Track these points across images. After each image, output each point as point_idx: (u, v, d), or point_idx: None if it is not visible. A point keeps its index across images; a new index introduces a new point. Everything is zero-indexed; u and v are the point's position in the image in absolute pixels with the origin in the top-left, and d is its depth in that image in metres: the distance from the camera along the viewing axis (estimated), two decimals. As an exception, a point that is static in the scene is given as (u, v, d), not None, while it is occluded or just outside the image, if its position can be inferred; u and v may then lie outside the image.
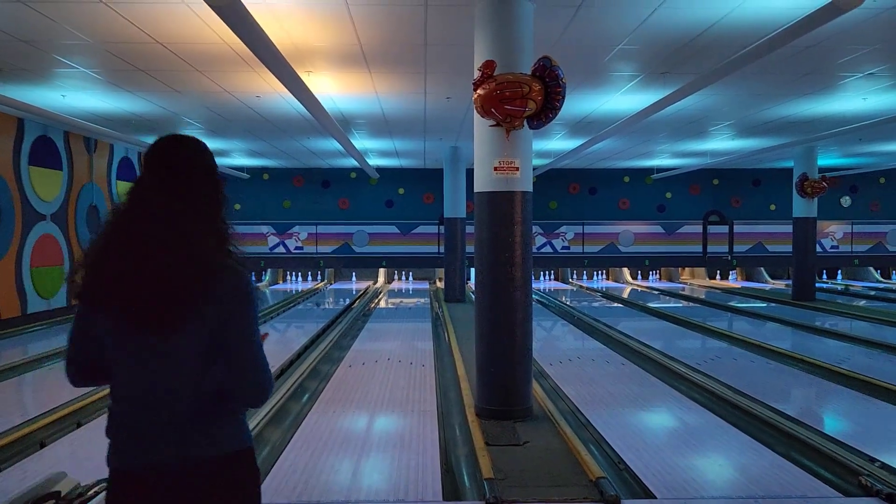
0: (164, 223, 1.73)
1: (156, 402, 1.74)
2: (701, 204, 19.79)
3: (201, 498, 1.72)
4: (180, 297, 1.69)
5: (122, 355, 1.76)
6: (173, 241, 1.71)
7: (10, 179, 10.90)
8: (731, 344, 9.56)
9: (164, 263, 1.69)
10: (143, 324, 1.70)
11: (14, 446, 4.97)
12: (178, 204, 1.76)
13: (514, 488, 4.13)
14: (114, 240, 1.75)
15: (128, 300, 1.70)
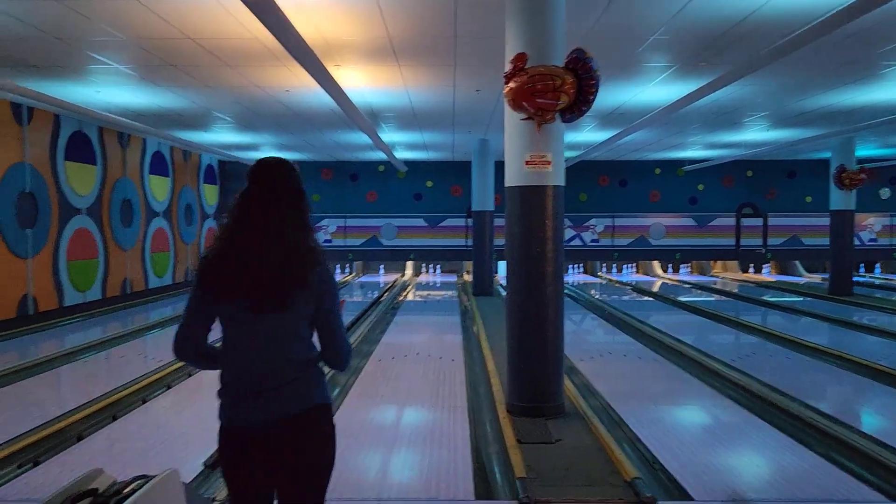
0: (272, 227, 2.17)
1: (263, 370, 2.16)
2: (734, 196, 19.44)
3: (296, 443, 2.17)
4: (287, 284, 2.13)
5: (237, 332, 2.18)
6: (280, 241, 2.16)
7: (46, 174, 11.09)
8: (765, 339, 9.38)
9: (274, 259, 2.13)
10: (259, 307, 2.13)
11: (52, 439, 5.05)
12: (280, 211, 2.20)
13: (547, 487, 4.09)
14: (233, 241, 2.18)
15: (247, 289, 2.13)
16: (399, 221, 19.24)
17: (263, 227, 2.18)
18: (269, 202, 2.21)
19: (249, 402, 2.16)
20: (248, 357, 2.18)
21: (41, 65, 7.94)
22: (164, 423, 5.53)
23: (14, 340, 9.36)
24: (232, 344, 2.21)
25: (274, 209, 2.21)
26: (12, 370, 7.30)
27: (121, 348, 8.81)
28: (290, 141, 14.86)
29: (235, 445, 2.20)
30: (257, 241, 2.16)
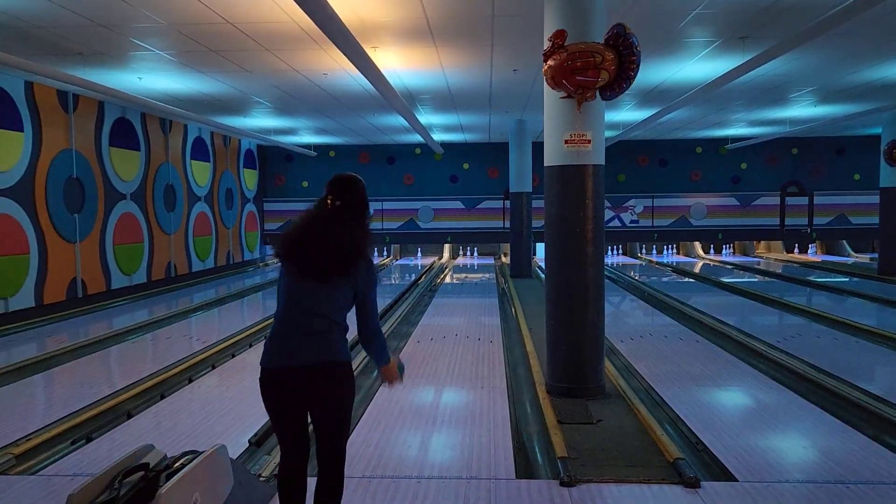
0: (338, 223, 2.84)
1: (304, 324, 2.78)
2: (779, 175, 18.97)
3: (319, 387, 2.78)
4: (339, 265, 2.79)
5: (294, 292, 2.82)
6: (342, 233, 2.81)
7: (92, 160, 11.35)
8: (811, 320, 9.18)
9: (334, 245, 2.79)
10: (313, 276, 2.79)
11: (103, 417, 5.20)
12: (346, 213, 2.88)
13: (589, 467, 4.08)
14: (308, 228, 2.85)
15: (308, 261, 2.80)
16: (436, 204, 19.25)
17: (326, 223, 2.84)
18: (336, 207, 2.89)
19: (288, 349, 2.76)
20: (297, 312, 2.79)
21: (86, 52, 8.10)
22: (209, 401, 5.66)
23: (64, 322, 9.65)
24: (284, 300, 2.84)
25: (338, 212, 2.87)
26: (64, 351, 7.53)
27: (166, 330, 9.02)
28: (328, 125, 14.95)
29: (273, 384, 2.79)
30: (319, 230, 2.82)
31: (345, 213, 2.88)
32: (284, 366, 2.75)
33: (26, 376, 6.53)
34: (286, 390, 2.77)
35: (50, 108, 10.27)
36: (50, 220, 10.25)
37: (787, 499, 3.64)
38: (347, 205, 2.90)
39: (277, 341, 2.79)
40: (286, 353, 2.75)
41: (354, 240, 2.82)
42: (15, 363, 6.91)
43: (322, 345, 2.76)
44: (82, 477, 3.94)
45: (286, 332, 2.78)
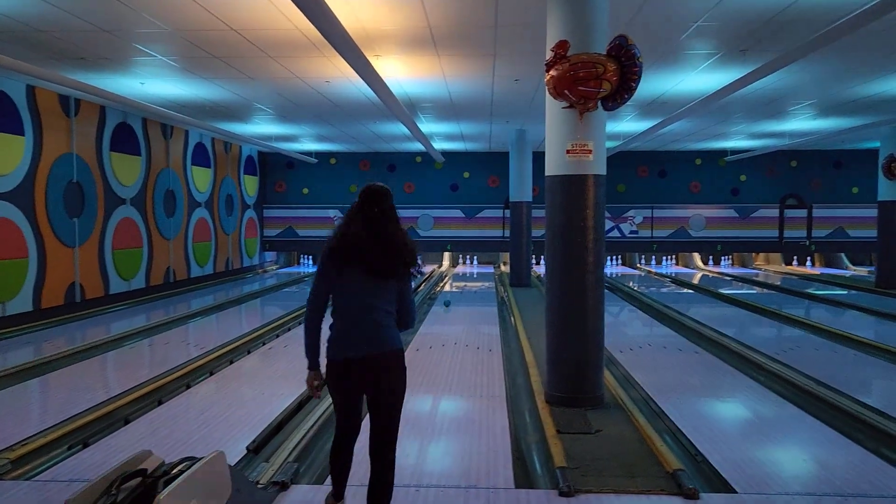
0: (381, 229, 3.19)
1: (365, 318, 3.14)
2: (778, 187, 19.02)
3: (380, 373, 3.16)
4: (390, 264, 3.16)
5: (351, 291, 3.16)
6: (391, 238, 3.19)
7: (93, 165, 11.35)
8: (809, 332, 9.18)
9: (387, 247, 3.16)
10: (372, 274, 3.14)
11: (100, 422, 5.18)
12: (385, 218, 3.22)
13: (588, 477, 4.06)
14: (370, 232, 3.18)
15: (366, 262, 3.14)
16: (436, 212, 19.27)
17: (377, 228, 3.19)
18: (377, 214, 3.21)
19: (353, 341, 3.13)
20: (356, 308, 3.14)
21: (88, 57, 8.11)
22: (207, 407, 5.64)
23: (62, 327, 9.63)
24: (345, 299, 3.17)
25: (379, 218, 3.21)
26: (61, 356, 7.51)
27: (164, 335, 9.00)
28: (330, 132, 14.97)
29: (341, 374, 3.16)
30: (376, 234, 3.16)
31: (386, 218, 3.21)
32: (356, 356, 3.11)
33: (23, 381, 6.51)
34: (355, 378, 3.14)
35: (51, 112, 10.28)
36: (49, 224, 10.24)
37: (786, 511, 3.62)
38: (385, 212, 3.23)
39: (345, 335, 3.13)
40: (356, 345, 3.11)
41: (410, 240, 3.25)
42: (12, 367, 6.89)
43: (387, 335, 3.15)
44: (79, 482, 3.92)
45: (352, 327, 3.13)
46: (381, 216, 3.22)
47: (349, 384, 3.18)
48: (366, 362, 3.12)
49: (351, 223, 3.21)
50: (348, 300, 3.16)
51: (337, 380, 3.19)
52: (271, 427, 4.94)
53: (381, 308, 3.15)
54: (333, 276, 3.17)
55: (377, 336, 3.12)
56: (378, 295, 3.14)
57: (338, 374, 3.17)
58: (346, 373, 3.14)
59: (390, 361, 3.17)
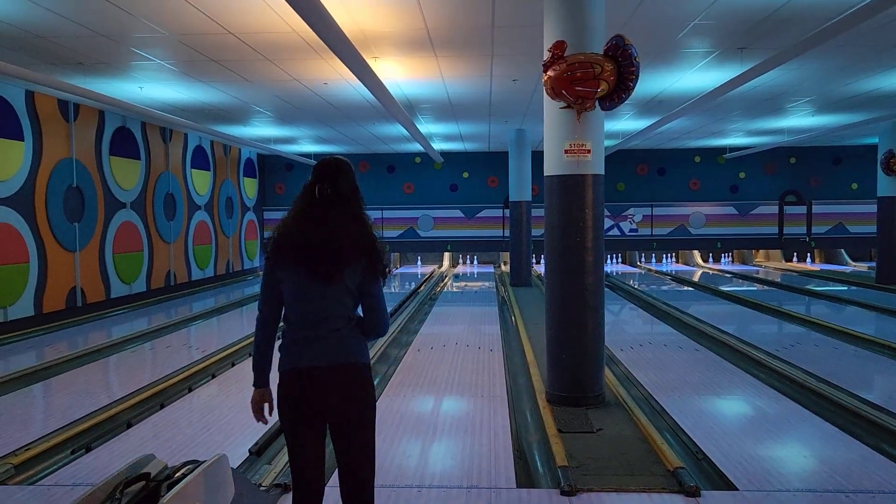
0: (329, 216, 2.61)
1: (319, 325, 2.60)
2: (777, 184, 19.03)
3: (339, 389, 2.58)
4: (338, 262, 2.57)
5: (300, 295, 2.61)
6: (335, 228, 2.59)
7: (92, 169, 11.37)
8: (810, 329, 9.19)
9: (329, 241, 2.57)
10: (316, 276, 2.57)
11: (103, 426, 5.20)
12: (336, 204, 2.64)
13: (589, 476, 4.08)
14: (296, 225, 2.62)
15: (307, 261, 2.57)
16: (436, 213, 19.28)
17: (322, 216, 2.62)
18: (328, 196, 2.64)
19: (306, 350, 2.58)
20: (307, 314, 2.61)
21: (87, 62, 8.13)
22: (209, 410, 5.65)
23: (64, 331, 9.64)
24: (291, 304, 2.64)
25: (331, 202, 2.64)
26: (63, 360, 7.53)
27: (166, 338, 9.01)
28: (328, 134, 14.99)
29: (292, 385, 2.59)
30: (316, 226, 2.60)
31: (340, 201, 2.64)
32: (309, 365, 2.57)
33: (25, 385, 6.53)
34: (311, 395, 2.58)
35: (50, 117, 10.30)
36: (50, 229, 10.26)
37: (787, 508, 3.63)
38: (340, 192, 2.65)
39: (297, 344, 2.61)
40: (308, 355, 2.58)
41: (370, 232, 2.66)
42: (14, 372, 6.91)
43: (346, 345, 2.61)
44: (82, 487, 3.94)
45: (304, 336, 2.60)
46: (334, 199, 2.63)
47: (301, 401, 2.58)
48: (322, 375, 2.56)
49: (292, 211, 2.68)
50: (297, 307, 2.62)
51: (286, 395, 2.61)
52: (273, 430, 4.95)
53: (337, 314, 2.60)
54: (279, 278, 2.63)
55: (334, 346, 2.58)
56: (330, 297, 2.58)
57: (288, 390, 2.60)
58: (299, 387, 2.58)
59: (351, 376, 2.59)
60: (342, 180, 2.68)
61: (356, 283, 2.61)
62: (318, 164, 2.72)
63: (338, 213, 2.62)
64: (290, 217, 2.66)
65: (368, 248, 2.62)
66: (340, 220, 2.61)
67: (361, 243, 2.61)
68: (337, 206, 2.64)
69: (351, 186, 2.70)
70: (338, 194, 2.65)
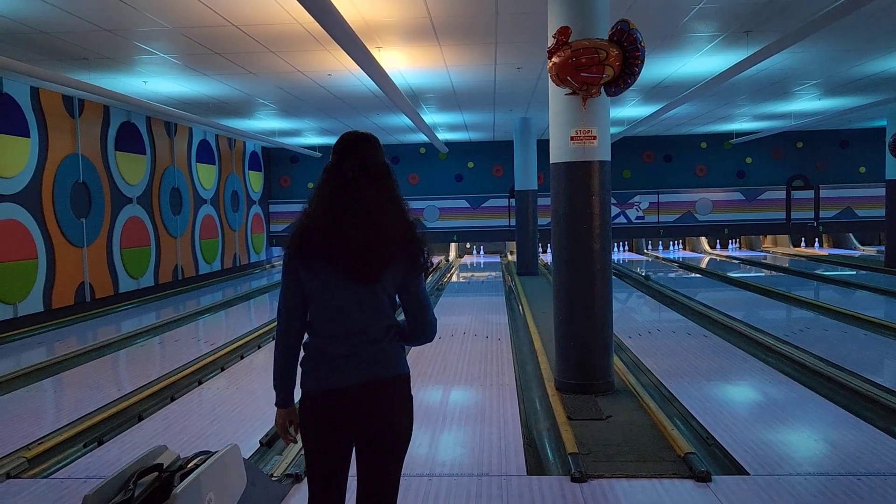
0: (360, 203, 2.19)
1: (354, 338, 2.21)
2: (784, 168, 18.93)
3: (377, 409, 2.22)
4: (380, 258, 2.16)
5: (329, 300, 2.21)
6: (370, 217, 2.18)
7: (98, 165, 11.39)
8: (819, 314, 9.16)
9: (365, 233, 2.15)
10: (352, 277, 2.17)
11: (114, 419, 5.23)
12: (368, 187, 2.20)
13: (600, 463, 4.08)
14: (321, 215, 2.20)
15: (341, 258, 2.16)
16: (441, 203, 19.26)
17: (355, 202, 2.19)
18: (358, 178, 2.22)
19: (335, 370, 2.20)
20: (333, 323, 2.21)
21: (91, 57, 8.13)
22: (219, 403, 5.68)
23: (73, 327, 9.69)
24: (319, 312, 2.23)
25: (362, 184, 2.21)
26: (73, 355, 7.57)
27: (175, 332, 9.05)
28: (332, 125, 14.96)
29: (320, 409, 2.23)
30: (352, 215, 2.17)
31: (373, 183, 2.22)
32: (341, 386, 2.20)
33: (36, 381, 6.57)
34: (340, 418, 2.22)
35: (56, 113, 10.31)
36: (57, 224, 10.29)
37: (798, 491, 3.63)
38: (370, 172, 2.23)
39: (325, 359, 2.23)
40: (340, 371, 2.20)
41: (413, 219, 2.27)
42: (25, 368, 6.95)
43: (386, 357, 2.24)
44: (95, 479, 3.96)
45: (335, 348, 2.22)
46: (362, 179, 2.20)
47: (331, 427, 2.23)
48: (355, 395, 2.20)
49: (317, 199, 2.24)
50: (327, 315, 2.22)
51: (313, 421, 2.25)
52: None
53: (376, 324, 2.22)
54: (303, 279, 2.23)
55: (371, 359, 2.21)
56: (367, 302, 2.19)
57: (314, 413, 2.24)
58: (327, 411, 2.22)
59: (391, 392, 2.24)
60: (371, 157, 2.25)
61: (397, 283, 2.23)
62: (341, 140, 2.31)
63: (372, 197, 2.20)
64: (316, 205, 2.23)
65: (411, 239, 2.23)
66: (378, 207, 2.19)
67: (404, 234, 2.22)
68: (370, 189, 2.21)
69: (381, 163, 2.27)
70: (368, 174, 2.22)
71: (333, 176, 2.24)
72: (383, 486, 2.28)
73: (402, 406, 2.29)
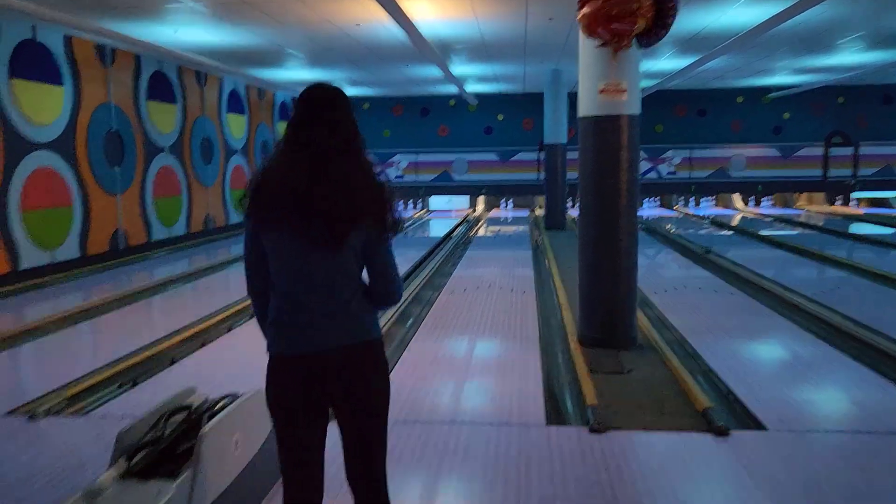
0: (323, 160, 2.04)
1: (320, 300, 2.07)
2: (823, 124, 18.41)
3: (350, 375, 2.09)
4: (345, 221, 2.02)
5: (292, 263, 2.07)
6: (334, 175, 2.04)
7: (131, 114, 11.50)
8: (852, 273, 9.01)
9: (328, 193, 2.01)
10: (313, 241, 2.02)
11: (147, 363, 5.40)
12: (335, 141, 2.06)
13: (619, 416, 4.12)
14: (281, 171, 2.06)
15: (302, 222, 2.01)
16: (470, 156, 19.15)
17: (319, 163, 2.04)
18: (320, 133, 2.06)
19: (302, 333, 2.07)
20: (297, 290, 2.07)
21: (120, 6, 8.14)
22: (248, 349, 5.81)
23: (108, 273, 9.94)
24: (280, 276, 2.10)
25: (330, 146, 2.06)
26: (108, 300, 7.78)
27: (206, 280, 9.24)
28: (361, 76, 14.87)
29: (289, 375, 2.10)
30: (313, 177, 2.03)
31: (342, 145, 2.07)
32: (310, 351, 2.07)
33: (73, 324, 6.79)
34: (310, 387, 2.09)
35: (88, 62, 10.39)
36: (91, 172, 10.47)
37: (816, 447, 3.65)
38: (336, 128, 2.07)
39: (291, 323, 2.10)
40: (308, 336, 2.08)
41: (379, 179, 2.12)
42: (63, 311, 7.18)
43: (355, 321, 2.10)
44: (130, 417, 4.10)
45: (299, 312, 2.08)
46: (329, 138, 2.05)
47: (303, 395, 2.09)
48: (328, 362, 2.07)
49: (277, 157, 2.10)
50: (288, 275, 2.08)
51: (281, 388, 2.11)
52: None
53: (342, 284, 2.08)
54: (263, 240, 2.09)
55: (342, 325, 2.07)
56: (331, 265, 2.06)
57: (282, 379, 2.11)
58: (297, 377, 2.09)
59: (363, 359, 2.11)
60: (341, 116, 2.10)
61: (362, 241, 2.07)
62: (306, 96, 2.12)
63: (338, 157, 2.06)
64: (274, 163, 2.10)
65: (379, 200, 2.08)
66: (344, 167, 2.06)
67: (372, 195, 2.08)
68: (335, 148, 2.06)
69: (349, 121, 2.11)
70: (334, 133, 2.06)
71: (297, 133, 2.08)
72: (367, 452, 2.17)
73: (376, 373, 2.14)
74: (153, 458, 2.53)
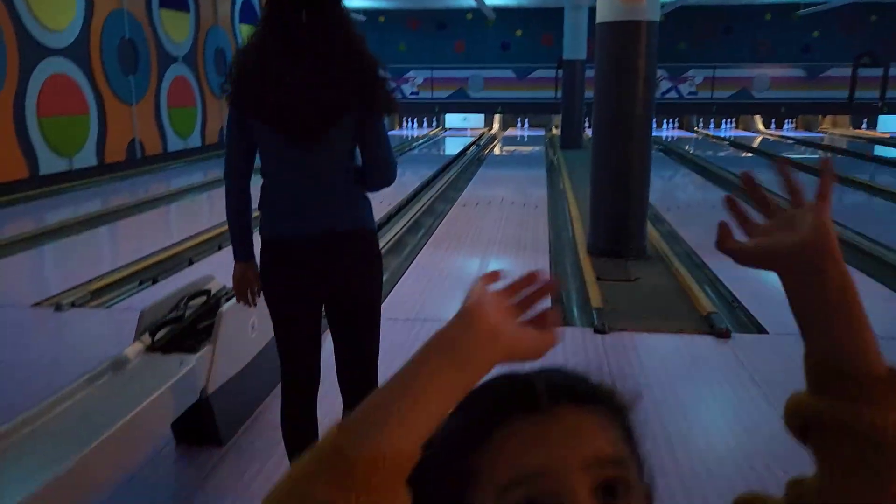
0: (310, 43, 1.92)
1: (309, 184, 2.02)
2: (853, 44, 17.78)
3: (339, 261, 2.06)
4: (327, 111, 1.93)
5: (279, 151, 2.01)
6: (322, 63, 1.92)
7: (144, 22, 11.34)
8: (872, 195, 8.92)
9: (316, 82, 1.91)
10: (295, 137, 1.96)
11: (167, 263, 5.56)
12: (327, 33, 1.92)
13: (623, 319, 4.22)
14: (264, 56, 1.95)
15: (280, 118, 1.94)
16: (487, 73, 18.79)
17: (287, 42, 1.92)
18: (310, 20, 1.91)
19: (293, 217, 2.03)
20: (294, 173, 2.02)
21: None
22: (264, 253, 5.94)
23: (126, 181, 10.05)
24: (269, 158, 2.05)
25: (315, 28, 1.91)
26: (127, 206, 7.91)
27: (221, 189, 9.26)
28: (377, -14, 14.48)
29: (279, 258, 2.07)
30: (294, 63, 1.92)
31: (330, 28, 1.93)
32: (303, 234, 2.03)
33: (93, 227, 6.93)
34: (305, 270, 2.06)
35: (99, -35, 10.19)
36: (106, 80, 10.43)
37: (816, 351, 3.73)
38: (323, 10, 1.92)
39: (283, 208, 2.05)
40: (300, 220, 2.03)
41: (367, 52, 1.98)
42: (82, 215, 7.32)
43: (346, 208, 2.05)
44: (150, 311, 4.27)
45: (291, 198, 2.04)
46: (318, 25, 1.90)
47: (295, 280, 2.07)
48: (318, 247, 2.03)
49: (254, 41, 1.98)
50: (278, 161, 2.03)
51: (275, 271, 2.08)
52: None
53: (331, 167, 2.01)
54: (247, 128, 2.01)
55: (332, 210, 2.02)
56: (316, 155, 1.98)
57: (276, 263, 2.08)
58: (289, 261, 2.06)
59: (356, 247, 2.07)
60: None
61: (354, 120, 1.98)
62: None
63: (322, 38, 1.90)
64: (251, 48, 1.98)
65: (367, 79, 1.96)
66: (330, 50, 1.91)
67: (358, 77, 1.95)
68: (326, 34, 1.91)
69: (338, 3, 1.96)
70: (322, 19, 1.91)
71: (277, 11, 1.93)
72: (359, 348, 2.16)
73: (368, 262, 2.12)
74: (175, 334, 2.66)
